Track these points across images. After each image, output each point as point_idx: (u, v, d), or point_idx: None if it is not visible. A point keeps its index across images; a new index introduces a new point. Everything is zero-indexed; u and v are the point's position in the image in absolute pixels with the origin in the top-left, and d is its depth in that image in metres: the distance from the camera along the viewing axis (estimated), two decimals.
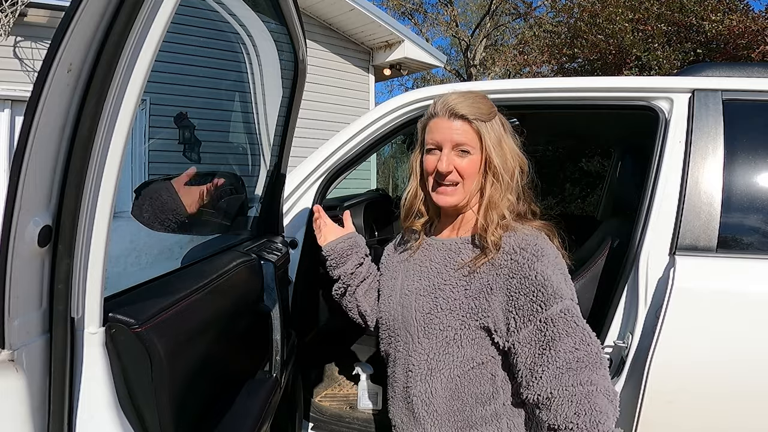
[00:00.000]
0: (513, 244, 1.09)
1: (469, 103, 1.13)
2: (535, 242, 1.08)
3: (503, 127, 1.17)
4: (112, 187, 0.75)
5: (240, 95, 1.95)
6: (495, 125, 1.15)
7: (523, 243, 1.08)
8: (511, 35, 16.50)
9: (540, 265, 1.05)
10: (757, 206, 1.64)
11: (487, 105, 1.16)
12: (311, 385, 2.26)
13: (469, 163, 1.13)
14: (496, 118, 1.16)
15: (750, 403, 1.49)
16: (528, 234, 1.11)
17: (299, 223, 1.93)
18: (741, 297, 1.51)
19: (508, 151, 1.15)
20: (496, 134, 1.14)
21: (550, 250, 1.09)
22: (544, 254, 1.07)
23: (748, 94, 1.67)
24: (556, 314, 1.02)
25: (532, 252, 1.07)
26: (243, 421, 1.13)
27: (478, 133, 1.13)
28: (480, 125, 1.13)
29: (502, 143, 1.14)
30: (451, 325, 1.12)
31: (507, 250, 1.09)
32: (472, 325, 1.10)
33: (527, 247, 1.07)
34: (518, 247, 1.08)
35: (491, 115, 1.15)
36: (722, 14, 6.57)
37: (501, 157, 1.13)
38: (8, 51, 5.21)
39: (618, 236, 1.87)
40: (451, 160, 1.13)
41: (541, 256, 1.06)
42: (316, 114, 6.82)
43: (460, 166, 1.14)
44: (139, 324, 0.82)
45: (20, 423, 0.70)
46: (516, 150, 1.17)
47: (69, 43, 0.65)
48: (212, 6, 1.66)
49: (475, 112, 1.13)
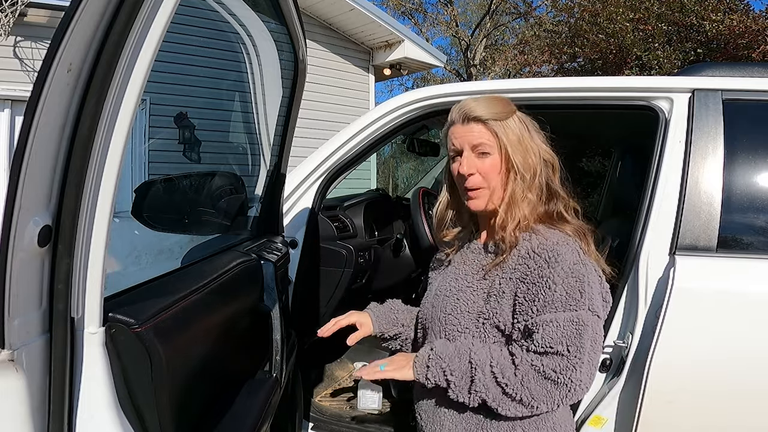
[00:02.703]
0: (529, 248, 1.08)
1: (483, 104, 1.13)
2: (552, 248, 1.06)
3: (525, 124, 1.15)
4: (112, 187, 0.75)
5: (240, 95, 1.95)
6: (512, 123, 1.13)
7: (539, 248, 1.07)
8: (511, 35, 16.50)
9: (549, 272, 1.04)
10: (757, 206, 1.64)
11: (503, 104, 1.15)
12: (311, 385, 2.26)
13: (490, 163, 1.13)
14: (514, 117, 1.14)
15: (750, 402, 1.49)
16: (548, 238, 1.08)
17: (299, 223, 1.93)
18: (741, 297, 1.51)
19: (530, 149, 1.13)
20: (515, 132, 1.13)
21: (570, 256, 1.06)
22: (558, 261, 1.05)
23: (748, 94, 1.67)
24: (547, 321, 1.02)
25: (545, 258, 1.05)
26: (243, 421, 1.13)
27: (495, 133, 1.12)
28: (495, 125, 1.12)
29: (522, 141, 1.13)
30: (469, 327, 1.13)
31: (522, 254, 1.08)
32: (487, 326, 1.12)
33: (542, 252, 1.06)
34: (533, 251, 1.07)
35: (508, 113, 1.13)
36: (723, 14, 6.57)
37: (521, 155, 1.12)
38: (8, 51, 5.21)
39: (618, 236, 1.87)
40: (471, 163, 1.13)
41: (554, 264, 1.05)
42: (316, 114, 6.81)
43: (482, 167, 1.13)
44: (139, 324, 0.82)
45: (20, 423, 0.70)
46: (541, 148, 1.15)
47: (69, 43, 0.65)
48: (212, 6, 1.66)
49: (489, 113, 1.12)
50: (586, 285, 1.05)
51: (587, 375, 1.04)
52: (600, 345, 1.08)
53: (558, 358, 1.02)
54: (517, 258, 1.09)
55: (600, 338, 1.07)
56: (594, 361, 1.06)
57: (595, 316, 1.06)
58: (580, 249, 1.09)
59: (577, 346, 1.01)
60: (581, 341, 1.02)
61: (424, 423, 1.21)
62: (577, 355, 1.01)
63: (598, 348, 1.06)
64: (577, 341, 1.02)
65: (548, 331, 1.02)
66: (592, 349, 1.04)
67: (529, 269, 1.06)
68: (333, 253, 2.13)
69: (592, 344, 1.04)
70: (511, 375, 1.04)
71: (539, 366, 1.02)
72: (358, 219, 2.35)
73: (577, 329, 1.02)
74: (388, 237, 2.63)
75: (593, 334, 1.05)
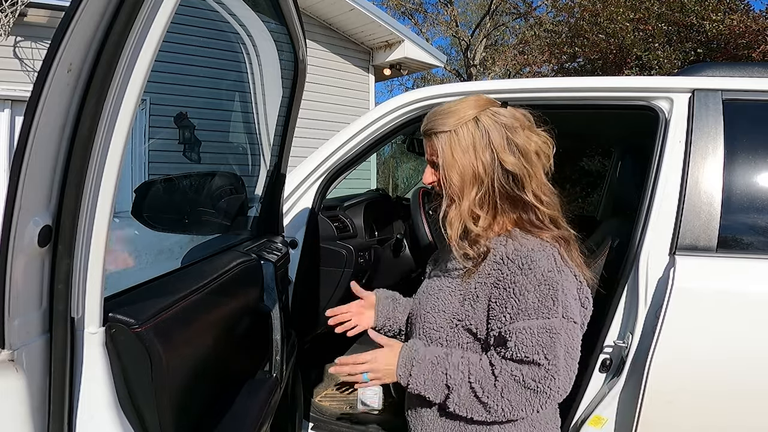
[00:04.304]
0: (504, 253, 1.07)
1: (433, 116, 1.14)
2: (527, 254, 1.05)
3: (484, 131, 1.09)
4: (112, 187, 0.75)
5: (240, 95, 1.95)
6: (462, 134, 1.09)
7: (513, 254, 1.06)
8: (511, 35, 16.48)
9: (522, 278, 1.04)
10: (757, 206, 1.64)
11: (458, 113, 1.10)
12: (311, 385, 2.25)
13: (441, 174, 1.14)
14: (468, 124, 1.09)
15: (750, 402, 1.49)
16: (524, 244, 1.07)
17: (299, 223, 1.93)
18: (741, 297, 1.51)
19: (479, 160, 1.08)
20: (461, 144, 1.09)
21: (544, 263, 1.04)
22: (532, 268, 1.03)
23: (748, 94, 1.67)
24: (520, 329, 1.02)
25: (518, 264, 1.05)
26: (243, 421, 1.13)
27: (436, 147, 1.13)
28: (437, 137, 1.12)
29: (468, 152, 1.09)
30: (443, 327, 1.15)
31: (497, 259, 1.08)
32: (460, 328, 1.13)
33: (516, 258, 1.05)
34: (507, 257, 1.07)
35: (460, 121, 1.09)
36: (723, 14, 6.56)
37: (462, 169, 1.09)
38: (8, 51, 5.21)
39: (618, 236, 1.87)
40: (427, 174, 1.17)
41: (527, 270, 1.04)
42: (316, 114, 6.81)
43: (437, 178, 1.15)
44: (139, 324, 0.82)
45: (20, 423, 0.70)
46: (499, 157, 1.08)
47: (69, 43, 0.65)
48: (212, 6, 1.66)
49: (433, 126, 1.13)
50: (560, 293, 1.04)
51: (565, 381, 1.04)
52: (577, 350, 1.07)
53: (535, 367, 1.02)
54: (492, 263, 1.09)
55: (577, 343, 1.07)
56: (572, 367, 1.05)
57: (571, 322, 1.05)
58: (557, 255, 1.08)
59: (554, 355, 1.01)
60: (555, 350, 1.01)
61: (410, 419, 1.24)
62: (553, 363, 1.01)
63: (575, 354, 1.06)
64: (552, 350, 1.01)
65: (521, 339, 1.02)
66: (569, 355, 1.04)
67: (502, 275, 1.06)
68: (333, 253, 2.13)
69: (568, 351, 1.03)
70: (491, 387, 1.05)
71: (519, 376, 1.02)
72: (358, 219, 2.35)
73: (550, 337, 1.01)
74: (388, 237, 2.63)
75: (568, 340, 1.04)
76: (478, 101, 1.13)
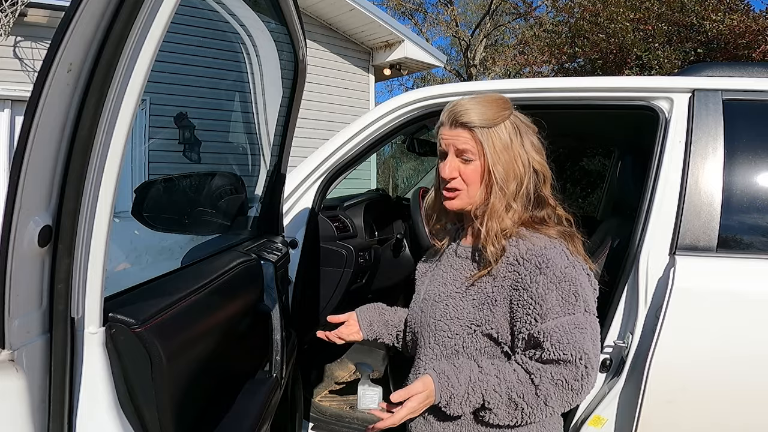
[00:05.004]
0: (517, 254, 1.08)
1: (474, 109, 1.11)
2: (541, 252, 1.06)
3: (517, 129, 1.12)
4: (112, 187, 0.75)
5: (240, 95, 1.95)
6: (501, 131, 1.10)
7: (527, 254, 1.07)
8: (511, 35, 16.48)
9: (542, 277, 1.04)
10: (757, 206, 1.64)
11: (496, 109, 1.11)
12: (311, 385, 2.26)
13: (473, 169, 1.12)
14: (506, 123, 1.11)
15: (750, 402, 1.49)
16: (535, 243, 1.08)
17: (299, 223, 1.93)
18: (741, 297, 1.51)
19: (518, 157, 1.11)
20: (502, 140, 1.10)
21: (559, 260, 1.06)
22: (549, 266, 1.05)
23: (748, 94, 1.67)
24: (553, 329, 1.02)
25: (535, 264, 1.05)
26: (243, 421, 1.13)
27: (480, 142, 1.10)
28: (482, 132, 1.10)
29: (509, 149, 1.10)
30: (459, 333, 1.13)
31: (511, 261, 1.08)
32: (479, 333, 1.11)
33: (531, 258, 1.06)
34: (522, 257, 1.07)
35: (498, 119, 1.10)
36: (723, 14, 6.56)
37: (506, 164, 1.10)
38: (8, 51, 5.21)
39: (618, 236, 1.87)
40: (454, 167, 1.13)
41: (545, 269, 1.04)
42: (316, 114, 6.81)
43: (464, 172, 1.13)
44: (139, 324, 0.82)
45: (20, 423, 0.70)
46: (531, 156, 1.12)
47: (69, 43, 0.65)
48: (212, 6, 1.66)
49: (476, 120, 1.10)
50: (579, 287, 1.06)
51: (595, 376, 1.05)
52: (599, 342, 1.09)
53: (572, 366, 1.02)
54: (506, 265, 1.09)
55: (598, 335, 1.08)
56: (598, 359, 1.07)
57: (592, 315, 1.07)
58: (566, 251, 1.09)
59: (585, 351, 1.02)
60: (586, 345, 1.03)
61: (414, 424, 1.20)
62: (587, 359, 1.02)
63: (598, 345, 1.08)
64: (583, 345, 1.02)
65: (556, 338, 1.02)
66: (595, 347, 1.05)
67: (520, 276, 1.06)
68: (333, 253, 2.13)
69: (594, 343, 1.05)
70: (532, 397, 1.03)
71: (560, 379, 1.02)
72: (358, 219, 2.35)
73: (580, 332, 1.03)
74: (388, 237, 2.63)
75: (593, 333, 1.06)
76: (506, 99, 1.15)
